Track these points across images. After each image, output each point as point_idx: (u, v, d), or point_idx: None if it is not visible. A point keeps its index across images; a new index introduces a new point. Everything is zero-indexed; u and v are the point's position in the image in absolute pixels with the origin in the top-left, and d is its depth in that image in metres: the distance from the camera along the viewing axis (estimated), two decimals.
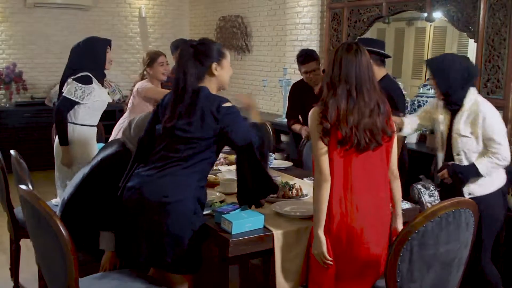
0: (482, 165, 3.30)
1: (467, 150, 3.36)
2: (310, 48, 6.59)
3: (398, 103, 3.97)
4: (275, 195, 3.25)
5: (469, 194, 3.38)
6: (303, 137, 4.93)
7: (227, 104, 2.78)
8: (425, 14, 5.34)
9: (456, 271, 2.51)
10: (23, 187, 2.58)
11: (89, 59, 4.15)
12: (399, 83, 4.83)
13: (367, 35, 5.98)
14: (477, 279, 3.50)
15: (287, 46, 7.11)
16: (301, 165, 4.60)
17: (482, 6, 4.59)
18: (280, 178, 3.69)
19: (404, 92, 4.57)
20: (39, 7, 8.51)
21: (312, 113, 2.71)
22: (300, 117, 5.19)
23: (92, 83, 4.09)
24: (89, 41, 4.25)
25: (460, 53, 6.25)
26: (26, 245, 3.98)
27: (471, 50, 5.78)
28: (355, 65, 2.67)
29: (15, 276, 4.02)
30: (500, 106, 4.53)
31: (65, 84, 4.11)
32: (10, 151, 3.75)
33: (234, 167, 3.89)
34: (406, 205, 3.21)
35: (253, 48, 8.19)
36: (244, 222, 2.74)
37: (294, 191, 3.32)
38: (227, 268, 2.78)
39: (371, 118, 2.65)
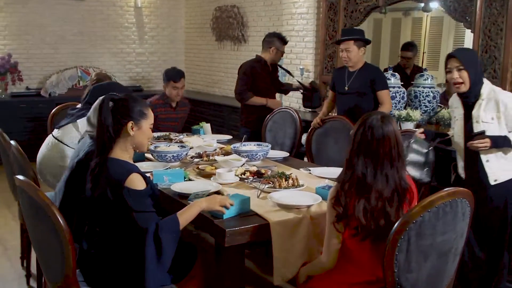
0: None
1: (490, 134, 3.37)
2: (306, 38, 6.60)
3: (381, 83, 4.58)
4: (272, 185, 3.26)
5: (495, 180, 3.46)
6: (267, 105, 5.34)
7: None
8: (422, 4, 5.35)
9: (452, 261, 2.51)
10: (20, 177, 2.58)
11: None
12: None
13: (364, 25, 5.97)
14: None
15: None
16: (311, 156, 4.77)
17: None
18: (276, 168, 3.70)
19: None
20: None
21: (330, 192, 2.55)
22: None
23: None
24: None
25: (457, 43, 6.26)
26: None
27: (468, 41, 5.78)
28: (379, 138, 2.41)
29: (27, 264, 4.07)
30: None
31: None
32: (10, 142, 3.74)
33: (230, 157, 3.90)
34: None
35: (249, 39, 8.16)
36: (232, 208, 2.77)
37: (290, 181, 3.32)
38: (224, 258, 2.78)
39: (384, 210, 2.45)
